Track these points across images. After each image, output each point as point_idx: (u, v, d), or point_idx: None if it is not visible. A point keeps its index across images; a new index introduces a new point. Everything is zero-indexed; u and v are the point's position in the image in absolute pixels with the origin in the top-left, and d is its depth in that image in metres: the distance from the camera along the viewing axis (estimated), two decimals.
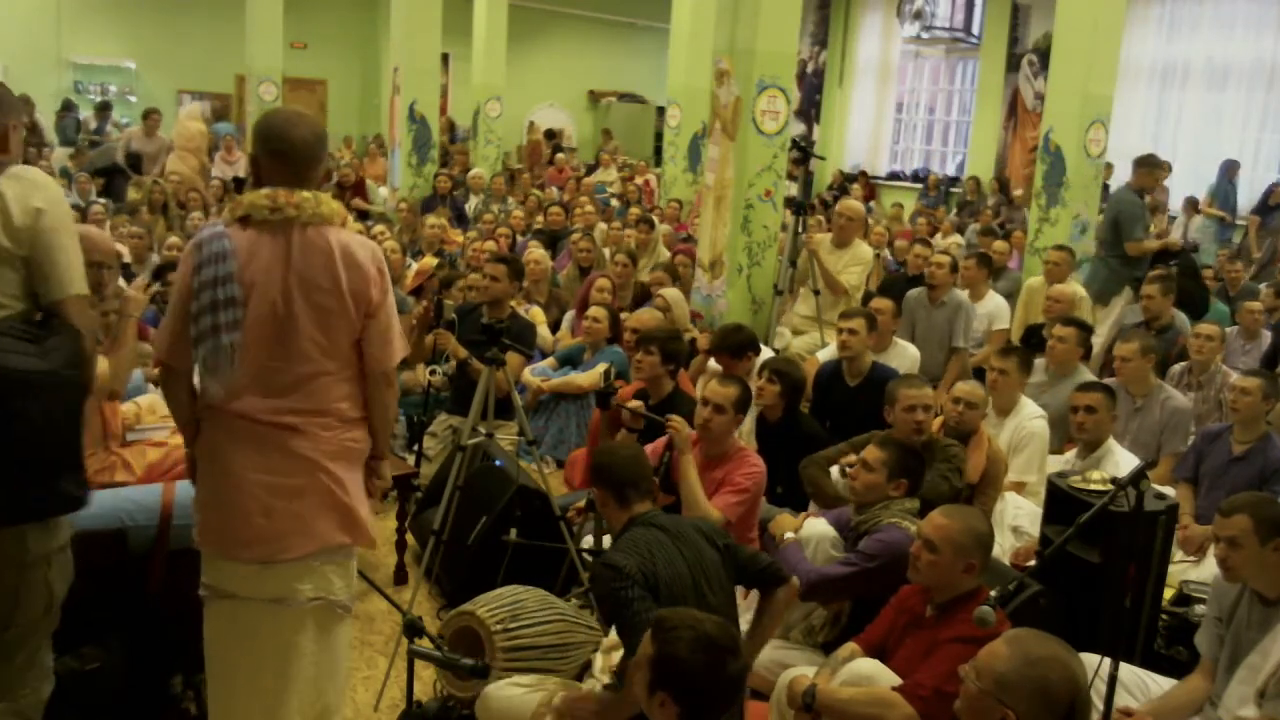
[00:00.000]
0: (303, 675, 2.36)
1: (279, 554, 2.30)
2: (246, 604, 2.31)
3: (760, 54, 5.98)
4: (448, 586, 3.86)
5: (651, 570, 2.57)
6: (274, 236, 2.26)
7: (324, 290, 2.27)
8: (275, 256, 2.25)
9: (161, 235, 7.54)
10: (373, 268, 2.33)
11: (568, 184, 12.12)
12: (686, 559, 2.67)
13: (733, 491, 3.55)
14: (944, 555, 2.68)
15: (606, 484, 2.80)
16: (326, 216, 2.29)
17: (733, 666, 2.07)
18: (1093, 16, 7.50)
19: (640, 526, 2.74)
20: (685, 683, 2.04)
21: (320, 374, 2.31)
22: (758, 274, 6.27)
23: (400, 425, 5.35)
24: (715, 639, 2.06)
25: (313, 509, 2.32)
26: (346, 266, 2.29)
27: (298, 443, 2.30)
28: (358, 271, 2.30)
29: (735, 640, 2.12)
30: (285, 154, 2.30)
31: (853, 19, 17.06)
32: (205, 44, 15.41)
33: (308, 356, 2.29)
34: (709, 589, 2.70)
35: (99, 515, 2.80)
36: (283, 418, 2.29)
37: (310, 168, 2.33)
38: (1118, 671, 2.39)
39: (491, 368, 3.63)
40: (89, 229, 3.33)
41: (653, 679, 2.06)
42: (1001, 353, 4.65)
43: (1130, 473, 2.48)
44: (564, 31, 17.93)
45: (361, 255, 2.32)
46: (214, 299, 2.21)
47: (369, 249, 2.35)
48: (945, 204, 14.23)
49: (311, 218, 2.27)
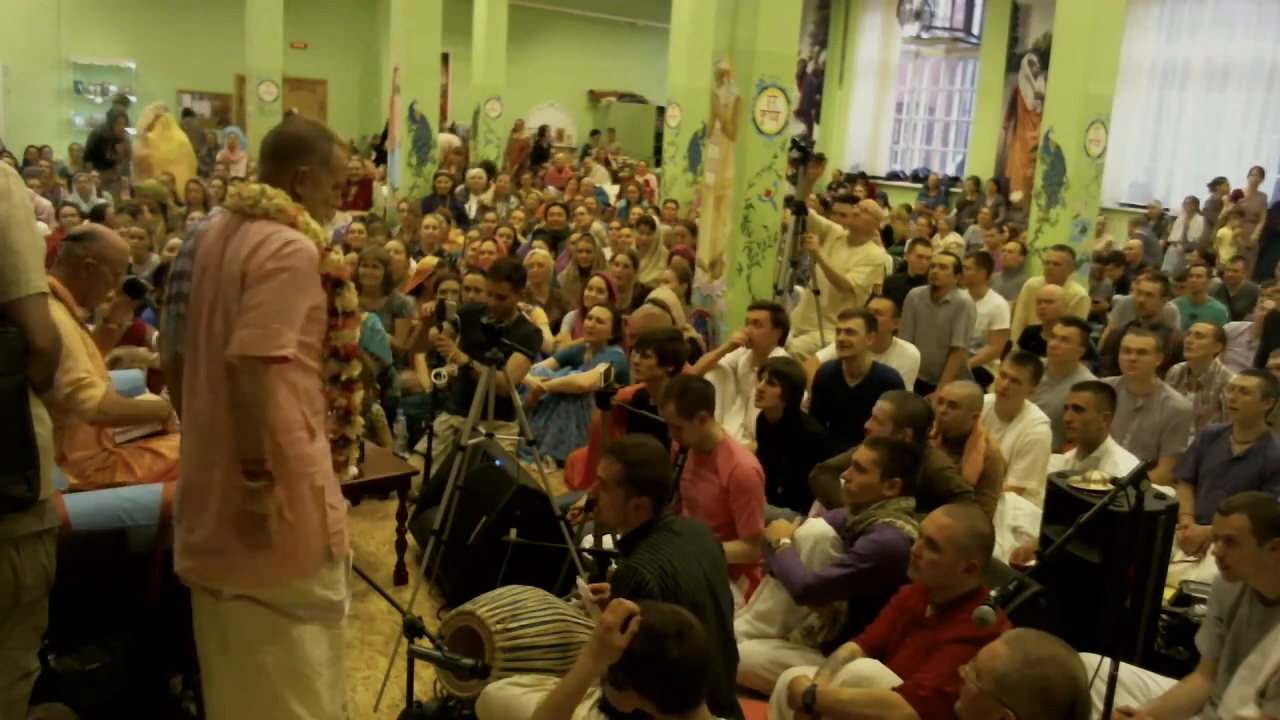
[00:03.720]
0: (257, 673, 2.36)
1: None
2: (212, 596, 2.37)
3: (760, 54, 5.98)
4: (448, 586, 3.86)
5: (674, 580, 2.60)
6: (230, 224, 2.30)
7: (234, 277, 2.23)
8: (221, 243, 2.28)
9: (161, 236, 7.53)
10: (266, 258, 2.19)
11: (568, 184, 12.11)
12: (703, 564, 2.73)
13: (742, 511, 3.65)
14: (946, 555, 2.68)
15: (639, 485, 2.76)
16: (268, 210, 2.26)
17: (676, 651, 2.08)
18: (1093, 16, 7.50)
19: (661, 531, 2.76)
20: (635, 674, 2.10)
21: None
22: (758, 274, 6.27)
23: (400, 425, 5.35)
24: (654, 626, 2.10)
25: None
26: (250, 248, 2.22)
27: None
28: (256, 254, 2.21)
29: (683, 624, 2.12)
30: (264, 151, 2.39)
31: (853, 19, 17.07)
32: (205, 44, 15.42)
33: (214, 354, 2.27)
34: (721, 591, 2.78)
35: (99, 515, 2.80)
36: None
37: (279, 161, 2.35)
38: (1118, 671, 2.39)
39: (491, 368, 3.63)
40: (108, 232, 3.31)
41: (617, 678, 2.13)
42: (1015, 360, 4.58)
43: (1130, 473, 2.48)
44: (564, 31, 17.95)
45: (266, 246, 2.21)
46: (173, 271, 2.36)
47: (278, 242, 2.21)
48: (945, 204, 14.23)
49: (254, 209, 2.26)
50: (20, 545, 2.20)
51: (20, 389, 2.14)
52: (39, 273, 2.17)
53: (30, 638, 2.31)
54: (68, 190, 10.64)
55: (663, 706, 2.10)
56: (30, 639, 2.31)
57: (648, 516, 2.79)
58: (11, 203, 2.13)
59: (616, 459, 2.78)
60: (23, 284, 2.12)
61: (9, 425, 2.11)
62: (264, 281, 2.18)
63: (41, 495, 2.21)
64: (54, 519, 2.30)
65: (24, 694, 2.32)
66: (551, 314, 6.67)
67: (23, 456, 2.14)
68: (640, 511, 2.78)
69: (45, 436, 2.22)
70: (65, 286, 3.03)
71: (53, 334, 2.20)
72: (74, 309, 3.05)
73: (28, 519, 2.20)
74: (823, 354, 5.71)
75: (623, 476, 2.75)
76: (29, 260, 2.14)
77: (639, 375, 4.50)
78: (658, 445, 2.92)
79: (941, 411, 4.05)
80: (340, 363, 2.45)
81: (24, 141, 13.01)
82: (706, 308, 6.38)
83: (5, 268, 2.11)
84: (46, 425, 2.24)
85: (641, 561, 2.64)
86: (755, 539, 3.65)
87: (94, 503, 2.84)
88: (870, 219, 6.57)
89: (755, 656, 3.28)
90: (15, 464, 2.13)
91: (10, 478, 2.13)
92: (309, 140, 2.37)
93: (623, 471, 2.75)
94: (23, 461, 2.14)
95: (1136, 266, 9.14)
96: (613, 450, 2.84)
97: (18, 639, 2.27)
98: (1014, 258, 8.09)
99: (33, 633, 2.31)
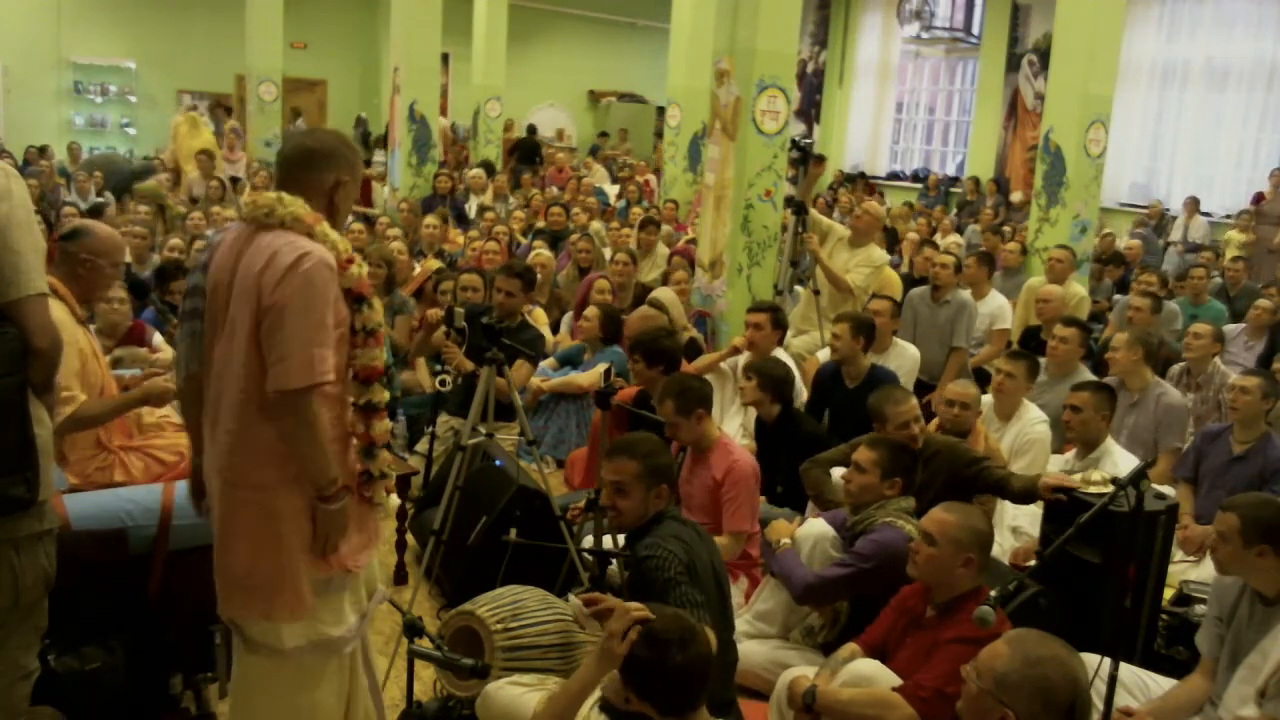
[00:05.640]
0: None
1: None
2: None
3: (760, 54, 5.98)
4: (448, 586, 3.86)
5: (691, 562, 2.70)
6: (243, 236, 2.23)
7: (248, 291, 2.14)
8: (234, 254, 2.21)
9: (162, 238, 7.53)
10: (279, 277, 2.10)
11: (568, 184, 12.12)
12: (710, 557, 2.83)
13: (731, 503, 3.69)
14: (942, 549, 2.69)
15: (658, 474, 2.83)
16: (284, 219, 2.17)
17: (680, 657, 2.09)
18: (1093, 16, 7.50)
19: (673, 521, 2.85)
20: (637, 679, 2.12)
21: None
22: (758, 274, 6.27)
23: (400, 425, 5.35)
24: (658, 633, 2.11)
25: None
26: (264, 260, 2.13)
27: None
28: (269, 268, 2.11)
29: (686, 630, 2.14)
30: (279, 162, 2.35)
31: (853, 19, 17.07)
32: (205, 44, 15.42)
33: (230, 374, 2.19)
34: (723, 581, 2.88)
35: (99, 515, 2.79)
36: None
37: (295, 170, 2.28)
38: (1118, 671, 2.39)
39: (491, 368, 3.63)
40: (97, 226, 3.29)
41: (622, 680, 2.15)
42: (1010, 356, 4.61)
43: (1130, 473, 2.48)
44: (564, 31, 17.94)
45: (279, 259, 2.11)
46: (189, 286, 2.33)
47: (292, 255, 2.11)
48: (945, 204, 14.23)
49: (268, 219, 2.18)
50: (20, 546, 2.19)
51: (20, 390, 2.13)
52: (39, 273, 2.16)
53: (30, 638, 2.31)
54: (67, 190, 10.64)
55: (663, 710, 2.12)
56: (30, 639, 2.31)
57: (665, 501, 2.87)
58: (12, 203, 2.12)
59: (630, 457, 2.84)
60: (23, 284, 2.11)
61: (8, 426, 2.10)
62: (286, 304, 2.08)
63: (41, 496, 2.20)
64: (54, 520, 2.29)
65: (24, 694, 2.32)
66: (551, 314, 6.68)
67: (22, 458, 2.14)
68: (660, 499, 2.86)
69: (45, 438, 2.21)
70: (65, 286, 3.03)
71: (53, 335, 2.19)
72: (75, 309, 3.05)
73: (27, 520, 2.19)
74: (822, 354, 5.72)
75: (641, 471, 2.82)
76: (29, 260, 2.13)
77: (636, 379, 4.52)
78: (652, 434, 3.02)
79: (951, 413, 4.05)
80: (362, 387, 2.31)
81: (24, 141, 13.00)
82: (706, 308, 6.38)
83: (5, 268, 2.10)
84: (46, 426, 2.23)
85: (662, 537, 2.74)
86: (738, 537, 3.67)
87: (94, 503, 2.83)
88: (872, 220, 6.57)
89: (755, 656, 3.29)
90: (14, 465, 2.12)
91: (9, 479, 2.12)
92: (344, 151, 2.32)
93: (640, 467, 2.82)
94: (22, 463, 2.14)
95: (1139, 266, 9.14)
96: (622, 451, 2.87)
97: (18, 639, 2.27)
98: (1014, 258, 8.09)
99: (33, 633, 2.31)
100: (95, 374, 3.04)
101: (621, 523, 2.90)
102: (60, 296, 2.92)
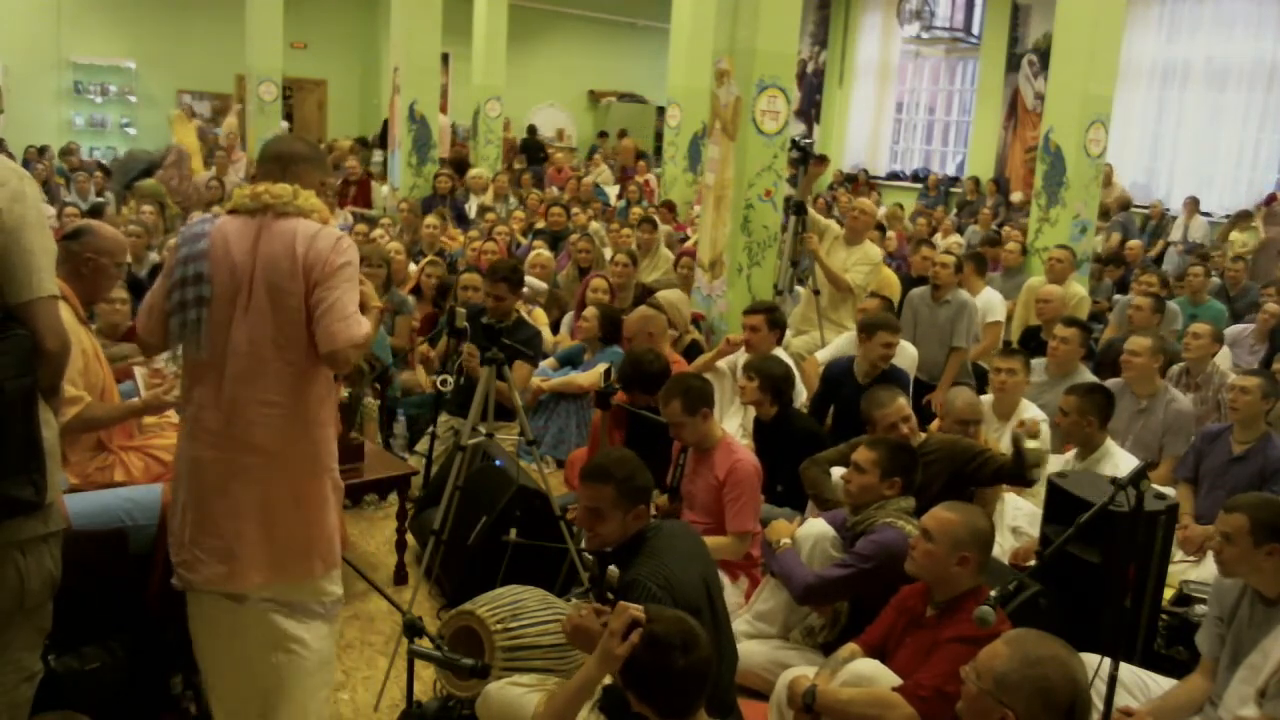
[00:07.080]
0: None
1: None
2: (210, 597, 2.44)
3: (760, 54, 5.98)
4: (448, 586, 3.86)
5: (676, 591, 2.59)
6: (251, 224, 2.36)
7: (282, 271, 2.31)
8: (249, 241, 2.34)
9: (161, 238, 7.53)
10: (330, 251, 2.33)
11: (568, 184, 12.12)
12: (698, 565, 2.75)
13: (734, 503, 3.65)
14: (940, 546, 2.69)
15: (634, 495, 2.73)
16: (303, 209, 2.36)
17: (681, 662, 2.09)
18: (1093, 16, 7.50)
19: (654, 538, 2.76)
20: (639, 681, 2.12)
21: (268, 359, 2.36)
22: (758, 274, 6.27)
23: (400, 425, 5.35)
24: (660, 636, 2.11)
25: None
26: (304, 242, 2.32)
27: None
28: (313, 247, 2.32)
29: (688, 634, 2.13)
30: (276, 156, 2.45)
31: (853, 19, 17.07)
32: (205, 44, 15.42)
33: (255, 348, 2.35)
34: (715, 590, 2.79)
35: (99, 515, 2.79)
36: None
37: (295, 165, 2.43)
38: (1118, 671, 2.39)
39: (491, 368, 3.63)
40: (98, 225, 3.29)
41: (622, 681, 2.15)
42: (1005, 354, 4.63)
43: (1130, 473, 2.48)
44: (564, 31, 17.95)
45: (323, 240, 2.34)
46: (184, 275, 2.34)
47: (333, 236, 2.37)
48: (945, 204, 14.23)
49: (286, 207, 2.35)
50: (26, 549, 2.18)
51: (30, 392, 2.12)
52: (50, 275, 2.17)
53: (34, 639, 2.30)
54: (67, 190, 10.64)
55: (663, 713, 2.12)
56: (34, 641, 2.30)
57: (645, 520, 2.79)
58: (25, 204, 2.12)
59: (603, 482, 2.73)
60: (35, 286, 2.12)
61: (16, 428, 2.10)
62: (336, 274, 2.31)
63: (48, 498, 2.20)
64: (59, 522, 2.28)
65: (27, 696, 2.31)
66: (551, 314, 6.67)
67: (29, 459, 2.13)
68: (639, 519, 2.77)
69: (51, 439, 2.21)
70: (68, 286, 3.02)
71: (63, 338, 2.19)
72: (79, 310, 3.04)
73: (33, 522, 2.19)
74: (822, 354, 5.72)
75: (617, 495, 2.72)
76: (41, 262, 2.13)
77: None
78: (628, 451, 2.96)
79: (961, 429, 4.05)
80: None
81: (24, 141, 13.00)
82: (704, 309, 6.38)
83: (19, 268, 2.10)
84: (52, 428, 2.23)
85: (645, 574, 2.63)
86: (743, 537, 3.65)
87: (94, 503, 2.83)
88: (868, 219, 6.58)
89: (755, 656, 3.28)
90: (22, 467, 2.12)
91: (16, 481, 2.11)
92: (325, 157, 2.50)
93: (615, 490, 2.72)
94: (29, 464, 2.13)
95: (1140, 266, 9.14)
96: (594, 476, 2.76)
97: (22, 641, 2.26)
98: (1014, 258, 8.09)
99: (36, 634, 2.31)
100: (97, 375, 3.03)
101: (597, 546, 2.84)
102: (65, 299, 2.91)
